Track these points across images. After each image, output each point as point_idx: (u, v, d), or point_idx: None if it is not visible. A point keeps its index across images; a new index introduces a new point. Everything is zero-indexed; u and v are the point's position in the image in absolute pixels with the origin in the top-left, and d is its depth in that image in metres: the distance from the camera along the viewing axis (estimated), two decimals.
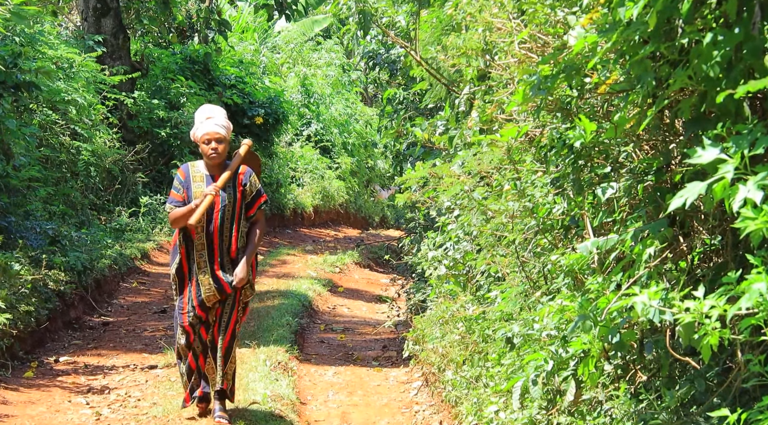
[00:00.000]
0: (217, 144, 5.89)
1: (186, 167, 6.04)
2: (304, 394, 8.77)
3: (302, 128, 26.00)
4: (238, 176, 6.00)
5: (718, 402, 3.63)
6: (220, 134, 5.89)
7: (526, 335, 5.43)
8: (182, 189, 5.94)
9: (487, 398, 5.90)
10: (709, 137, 3.09)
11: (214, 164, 5.96)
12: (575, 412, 4.73)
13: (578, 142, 4.35)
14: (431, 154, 10.93)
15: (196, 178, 5.97)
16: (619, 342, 3.83)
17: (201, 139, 5.91)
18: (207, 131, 5.88)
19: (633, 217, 4.26)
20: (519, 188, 6.22)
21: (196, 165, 6.03)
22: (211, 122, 5.90)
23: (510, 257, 7.10)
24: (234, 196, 5.97)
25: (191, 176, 5.97)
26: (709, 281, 3.73)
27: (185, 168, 6.03)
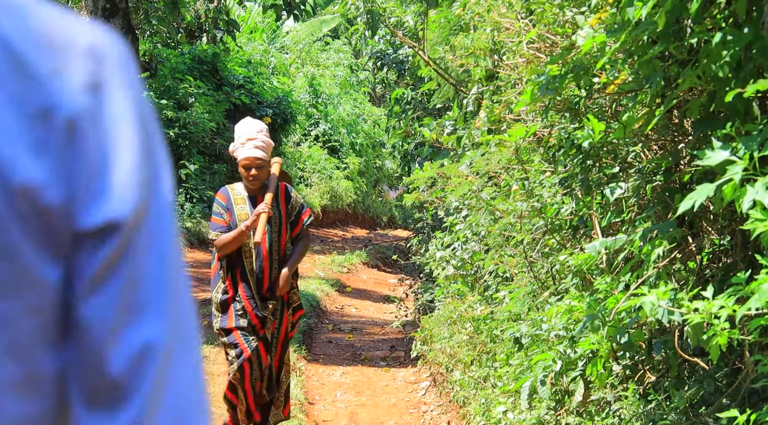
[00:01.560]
0: (257, 170, 5.50)
1: (225, 191, 5.69)
2: (312, 394, 8.78)
3: (310, 128, 26.01)
4: (280, 194, 5.70)
5: (727, 402, 3.63)
6: (261, 159, 5.49)
7: (534, 335, 5.42)
8: (224, 213, 5.56)
9: (495, 398, 5.90)
10: (718, 137, 3.08)
11: (253, 188, 5.60)
12: (584, 413, 4.73)
13: (587, 142, 4.35)
14: (439, 154, 10.93)
15: (237, 200, 5.61)
16: (627, 343, 3.83)
17: (240, 163, 5.51)
18: (246, 156, 5.47)
19: (642, 217, 4.26)
20: (527, 188, 6.21)
21: (234, 188, 5.69)
22: (251, 145, 5.46)
23: (518, 257, 7.09)
24: (279, 216, 5.65)
25: (232, 199, 5.61)
26: (718, 282, 3.71)
27: (224, 192, 5.68)
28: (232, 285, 5.57)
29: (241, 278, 5.55)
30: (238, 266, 5.56)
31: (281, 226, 5.64)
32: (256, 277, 5.56)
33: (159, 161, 0.91)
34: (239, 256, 5.55)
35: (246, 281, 5.56)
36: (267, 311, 5.57)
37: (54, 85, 0.84)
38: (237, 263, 5.56)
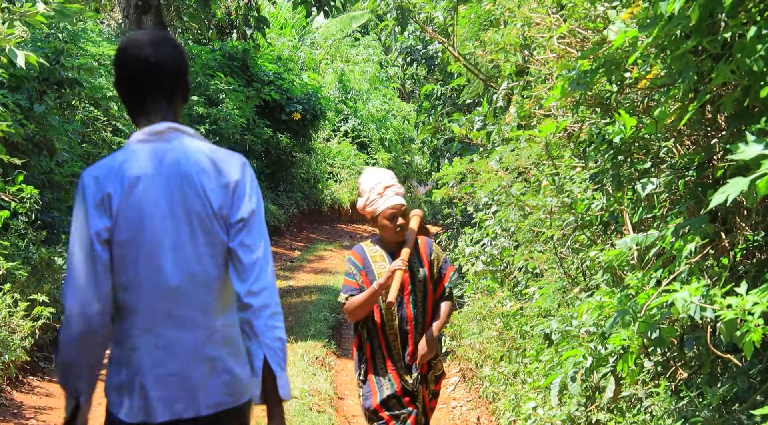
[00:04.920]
0: (403, 218, 4.86)
1: (360, 249, 5.01)
2: (341, 389, 8.80)
3: (339, 124, 26.06)
4: (419, 249, 4.99)
5: (761, 399, 3.60)
6: (405, 205, 4.88)
7: (564, 331, 5.41)
8: (358, 274, 4.89)
9: (525, 394, 5.89)
10: (752, 132, 3.06)
11: (397, 241, 4.93)
12: (614, 409, 4.71)
13: (618, 137, 4.33)
14: (469, 150, 10.92)
15: (375, 258, 4.94)
16: (658, 339, 3.81)
17: (384, 214, 4.83)
18: (392, 205, 4.82)
19: (673, 213, 4.23)
20: (557, 183, 6.19)
21: (370, 245, 5.00)
22: (392, 193, 4.85)
23: (548, 253, 7.07)
24: (423, 274, 4.94)
25: (369, 258, 4.94)
26: (752, 278, 3.69)
27: (360, 250, 5.00)
28: (371, 356, 4.94)
29: (385, 347, 4.91)
30: (381, 333, 4.91)
31: (426, 285, 4.94)
32: (402, 341, 4.91)
33: (259, 195, 3.02)
34: (382, 321, 4.91)
35: (389, 350, 4.91)
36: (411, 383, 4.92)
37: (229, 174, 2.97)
38: (379, 330, 4.91)
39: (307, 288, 13.48)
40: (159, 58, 2.96)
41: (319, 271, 15.54)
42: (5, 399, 7.27)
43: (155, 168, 2.90)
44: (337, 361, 9.77)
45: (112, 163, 2.92)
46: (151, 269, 2.87)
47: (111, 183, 2.88)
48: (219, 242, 2.91)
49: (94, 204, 2.86)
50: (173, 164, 2.91)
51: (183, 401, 2.89)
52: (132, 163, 2.91)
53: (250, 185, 2.95)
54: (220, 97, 17.89)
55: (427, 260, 4.96)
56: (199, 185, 2.90)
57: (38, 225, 9.18)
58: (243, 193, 2.93)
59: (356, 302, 4.80)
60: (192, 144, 2.96)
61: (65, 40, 11.08)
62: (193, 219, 2.89)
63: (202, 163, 2.92)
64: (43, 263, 8.69)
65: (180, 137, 2.96)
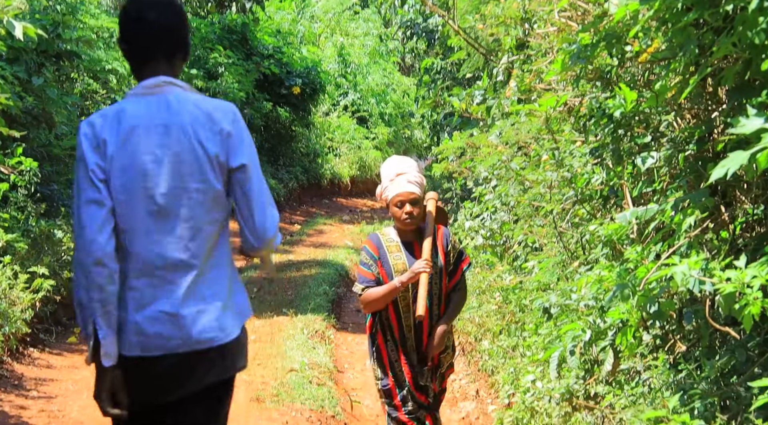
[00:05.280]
0: (412, 207, 4.72)
1: (375, 238, 4.86)
2: (341, 362, 8.84)
3: (339, 98, 25.99)
4: (437, 238, 4.86)
5: (759, 372, 3.61)
6: (415, 193, 4.72)
7: (563, 305, 5.42)
8: (374, 265, 4.76)
9: (523, 367, 5.92)
10: (754, 105, 3.05)
11: (409, 230, 4.84)
12: (613, 382, 4.73)
13: (618, 111, 4.32)
14: (468, 124, 10.90)
15: (391, 248, 4.81)
16: (657, 312, 3.81)
17: (392, 201, 4.73)
18: (399, 192, 4.71)
19: (673, 186, 4.23)
20: (557, 158, 6.19)
21: (385, 233, 4.88)
22: (403, 180, 4.73)
23: (547, 227, 7.08)
24: (438, 264, 4.82)
25: (385, 248, 4.81)
26: (751, 251, 3.69)
27: (375, 239, 4.85)
28: (384, 346, 4.87)
29: (399, 339, 4.84)
30: (396, 325, 4.83)
31: (441, 276, 4.83)
32: (414, 335, 4.83)
33: (253, 145, 3.19)
34: (396, 311, 4.83)
35: (403, 343, 4.84)
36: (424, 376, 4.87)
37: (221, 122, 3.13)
38: (392, 320, 4.84)
39: (307, 262, 13.50)
40: (159, 20, 3.15)
41: (318, 245, 15.56)
42: (6, 370, 7.30)
43: (150, 118, 3.08)
44: (336, 335, 9.81)
45: (108, 112, 3.11)
46: (147, 214, 3.06)
47: (107, 131, 3.06)
48: (212, 190, 3.09)
49: (91, 148, 3.05)
50: (167, 115, 3.09)
51: (177, 337, 3.08)
52: (128, 113, 3.09)
53: (242, 132, 3.14)
54: (219, 71, 17.84)
55: (444, 251, 4.84)
56: (192, 133, 3.07)
57: (37, 198, 9.18)
58: (238, 140, 3.12)
59: (374, 296, 4.71)
60: (185, 96, 3.15)
61: (63, 12, 11.03)
62: (187, 166, 3.06)
63: (195, 113, 3.10)
64: (43, 235, 8.70)
65: (173, 90, 3.15)
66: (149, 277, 3.08)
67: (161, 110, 3.10)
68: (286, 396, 6.81)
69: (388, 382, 4.86)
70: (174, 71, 3.21)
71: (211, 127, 3.09)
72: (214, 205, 3.12)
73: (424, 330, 4.80)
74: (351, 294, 12.51)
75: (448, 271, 4.85)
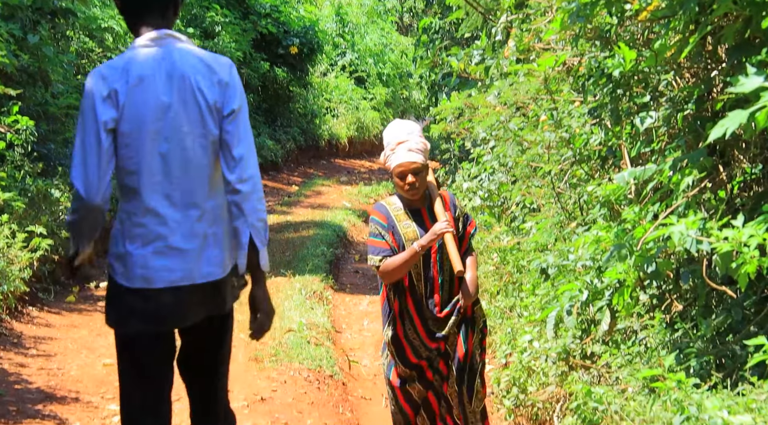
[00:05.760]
0: (414, 177, 4.54)
1: (382, 208, 4.71)
2: (338, 323, 8.88)
3: (337, 58, 25.85)
4: (445, 203, 4.70)
5: (755, 330, 3.63)
6: (417, 163, 4.53)
7: (560, 265, 5.43)
8: (386, 234, 4.61)
9: (521, 328, 5.94)
10: (753, 64, 3.03)
11: (414, 199, 4.66)
12: (609, 341, 4.75)
13: (617, 71, 4.30)
14: (467, 84, 10.85)
15: (399, 217, 4.66)
16: (654, 272, 3.83)
17: (394, 172, 4.58)
18: (400, 162, 4.53)
19: (672, 146, 4.22)
20: (556, 118, 6.16)
21: (392, 203, 4.72)
22: (404, 149, 4.55)
23: (545, 188, 7.08)
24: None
25: (393, 216, 4.66)
26: (749, 211, 3.70)
27: (382, 209, 4.70)
28: (400, 317, 4.70)
29: (413, 308, 4.68)
30: (409, 294, 4.68)
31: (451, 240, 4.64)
32: (427, 302, 4.68)
33: (245, 96, 3.45)
34: (410, 282, 4.68)
35: (418, 310, 4.68)
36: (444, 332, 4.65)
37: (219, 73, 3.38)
38: (407, 291, 4.69)
39: (305, 223, 13.51)
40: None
41: (316, 206, 15.57)
42: (5, 329, 7.33)
43: (155, 68, 3.34)
44: (334, 295, 9.84)
45: (117, 63, 3.36)
46: (152, 157, 3.32)
47: (117, 81, 3.30)
48: (210, 135, 3.36)
49: (102, 98, 3.28)
50: (171, 65, 3.35)
51: (180, 271, 3.35)
52: (135, 64, 3.33)
53: (237, 83, 3.43)
54: (216, 30, 17.70)
55: (453, 216, 4.67)
56: (194, 83, 3.35)
57: (34, 157, 9.14)
58: (233, 89, 3.39)
59: (395, 264, 4.54)
60: (186, 48, 3.42)
61: None
62: (190, 113, 3.34)
63: (195, 64, 3.37)
64: (40, 195, 8.68)
65: (175, 42, 3.41)
66: (155, 215, 3.33)
67: (165, 61, 3.35)
68: (285, 356, 6.85)
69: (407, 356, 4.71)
70: (168, 25, 3.44)
71: (210, 77, 3.36)
72: (213, 149, 3.38)
73: (436, 299, 4.66)
74: (349, 256, 12.53)
75: (457, 236, 4.66)
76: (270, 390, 6.15)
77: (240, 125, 3.37)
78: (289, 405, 5.95)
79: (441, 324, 4.66)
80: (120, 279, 3.38)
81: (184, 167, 3.34)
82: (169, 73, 3.34)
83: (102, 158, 3.27)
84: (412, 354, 4.70)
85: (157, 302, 3.36)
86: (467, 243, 4.73)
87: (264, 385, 6.22)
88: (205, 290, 3.40)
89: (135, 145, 3.30)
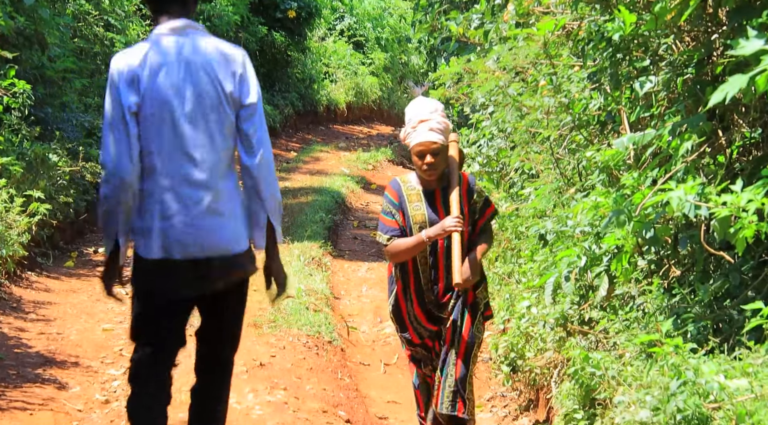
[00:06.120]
0: (433, 157, 4.44)
1: (396, 185, 4.62)
2: (337, 289, 8.90)
3: (335, 23, 25.66)
4: (462, 187, 4.57)
5: (752, 295, 3.64)
6: (437, 143, 4.43)
7: (559, 231, 5.43)
8: (396, 213, 4.55)
9: (519, 294, 5.95)
10: (754, 27, 3.01)
11: (431, 179, 4.56)
12: (607, 307, 4.76)
13: (617, 34, 4.26)
14: (466, 49, 10.78)
15: (411, 197, 4.57)
16: (653, 238, 3.82)
17: (413, 150, 4.49)
18: (420, 141, 4.43)
19: (671, 111, 4.20)
20: (555, 83, 6.13)
21: (407, 180, 4.63)
22: (425, 128, 4.44)
23: (544, 153, 7.06)
24: (462, 215, 4.50)
25: (405, 196, 4.57)
26: (748, 175, 3.68)
27: (395, 186, 4.61)
28: (403, 296, 4.67)
29: (414, 290, 4.64)
30: (411, 274, 4.63)
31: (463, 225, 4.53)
32: (430, 287, 4.62)
33: (258, 85, 3.69)
34: (414, 263, 4.62)
35: (419, 293, 4.63)
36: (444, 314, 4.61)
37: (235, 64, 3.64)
38: (409, 271, 4.63)
39: (303, 189, 13.51)
40: None
41: (315, 172, 15.55)
42: (4, 293, 7.35)
43: (175, 57, 3.60)
44: (333, 262, 9.86)
45: (140, 50, 3.61)
46: (172, 139, 3.57)
47: (139, 67, 3.55)
48: (227, 120, 3.62)
49: (126, 83, 3.54)
50: (190, 54, 3.61)
51: (195, 245, 3.60)
52: (156, 51, 3.59)
53: (252, 74, 3.69)
54: None
55: (467, 202, 4.57)
56: (212, 72, 3.60)
57: (31, 121, 9.10)
58: (249, 81, 3.66)
59: (401, 248, 4.51)
60: (204, 39, 3.67)
61: None
62: (207, 100, 3.59)
63: (213, 54, 3.63)
64: (38, 159, 8.66)
65: (195, 33, 3.66)
66: (173, 193, 3.58)
67: (185, 50, 3.60)
68: (283, 322, 6.87)
69: (409, 335, 4.70)
70: (188, 14, 3.69)
71: (226, 68, 3.62)
72: (229, 133, 3.64)
73: (440, 283, 4.60)
74: (347, 222, 12.54)
75: (472, 220, 4.60)
76: (269, 355, 6.18)
77: (256, 114, 3.65)
78: (288, 371, 5.98)
79: (443, 308, 4.62)
80: (141, 251, 3.62)
81: (201, 149, 3.59)
82: (188, 62, 3.59)
83: (129, 139, 3.52)
84: (414, 334, 4.68)
85: (175, 273, 3.62)
86: (482, 226, 4.62)
87: (263, 351, 6.25)
88: (220, 263, 3.64)
89: (155, 128, 3.56)
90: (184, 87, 3.57)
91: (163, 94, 3.55)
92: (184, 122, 3.57)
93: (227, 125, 3.62)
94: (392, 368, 7.05)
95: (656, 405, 3.26)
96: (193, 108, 3.58)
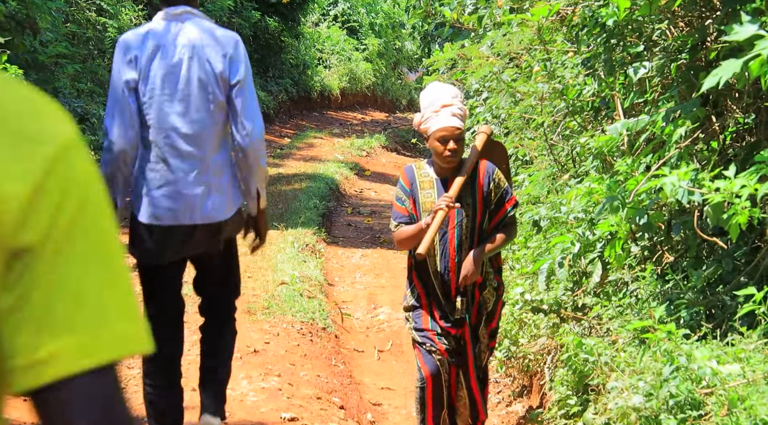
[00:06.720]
0: (455, 143, 4.25)
1: (410, 171, 4.47)
2: (331, 276, 8.89)
3: (329, 8, 25.59)
4: (478, 176, 4.37)
5: (745, 280, 3.64)
6: (461, 129, 4.28)
7: (553, 218, 5.43)
8: (407, 200, 4.40)
9: (513, 280, 5.95)
10: (748, 12, 2.99)
11: (449, 167, 4.36)
12: (601, 293, 4.77)
13: (611, 20, 4.25)
14: (460, 35, 10.75)
15: (424, 184, 4.41)
16: (646, 224, 3.82)
17: (434, 135, 4.27)
18: (443, 126, 4.24)
19: (665, 97, 4.20)
20: (549, 69, 6.12)
21: (422, 167, 4.45)
22: (447, 113, 4.27)
23: (538, 139, 7.05)
24: (473, 206, 4.35)
25: (417, 183, 4.41)
26: (741, 161, 3.68)
27: (409, 172, 4.46)
28: (422, 287, 4.48)
29: (424, 282, 4.47)
30: (422, 265, 4.44)
31: (475, 216, 4.36)
32: (441, 280, 4.42)
33: (249, 66, 4.02)
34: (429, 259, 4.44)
35: (430, 284, 4.45)
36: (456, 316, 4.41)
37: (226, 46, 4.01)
38: (420, 263, 4.45)
39: (297, 176, 13.48)
40: None
41: (309, 159, 15.52)
42: None
43: (171, 40, 3.95)
44: (327, 248, 9.84)
45: (139, 33, 3.98)
46: (166, 115, 3.94)
47: (138, 48, 3.93)
48: (217, 100, 3.96)
49: (125, 62, 3.92)
50: (185, 38, 3.96)
51: (185, 212, 3.98)
52: (154, 34, 3.96)
53: (242, 56, 4.00)
54: None
55: (483, 190, 4.35)
56: (204, 54, 3.94)
57: None
58: (238, 62, 3.97)
59: (404, 235, 4.35)
60: (200, 23, 4.01)
61: None
62: (199, 80, 3.94)
63: (206, 38, 3.97)
64: None
65: (191, 18, 4.00)
66: (166, 164, 3.96)
67: (180, 33, 3.95)
68: (277, 309, 6.86)
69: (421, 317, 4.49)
70: (190, 3, 4.03)
71: (217, 50, 3.96)
72: (219, 111, 3.99)
73: (451, 276, 4.39)
74: (341, 208, 12.53)
75: (488, 210, 4.37)
76: (263, 342, 6.17)
77: (245, 90, 3.98)
78: (282, 357, 5.97)
79: (452, 307, 4.42)
80: (137, 214, 4.02)
81: (193, 125, 3.96)
82: (183, 45, 3.94)
83: (127, 111, 3.90)
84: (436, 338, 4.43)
85: (163, 236, 4.02)
86: (500, 219, 4.39)
87: (257, 337, 6.24)
88: (205, 230, 4.04)
89: (151, 103, 3.94)
90: (179, 68, 3.93)
91: (159, 73, 3.92)
92: (177, 100, 3.94)
93: (217, 103, 3.97)
94: (386, 354, 7.05)
95: (649, 391, 3.27)
96: (186, 87, 3.94)
